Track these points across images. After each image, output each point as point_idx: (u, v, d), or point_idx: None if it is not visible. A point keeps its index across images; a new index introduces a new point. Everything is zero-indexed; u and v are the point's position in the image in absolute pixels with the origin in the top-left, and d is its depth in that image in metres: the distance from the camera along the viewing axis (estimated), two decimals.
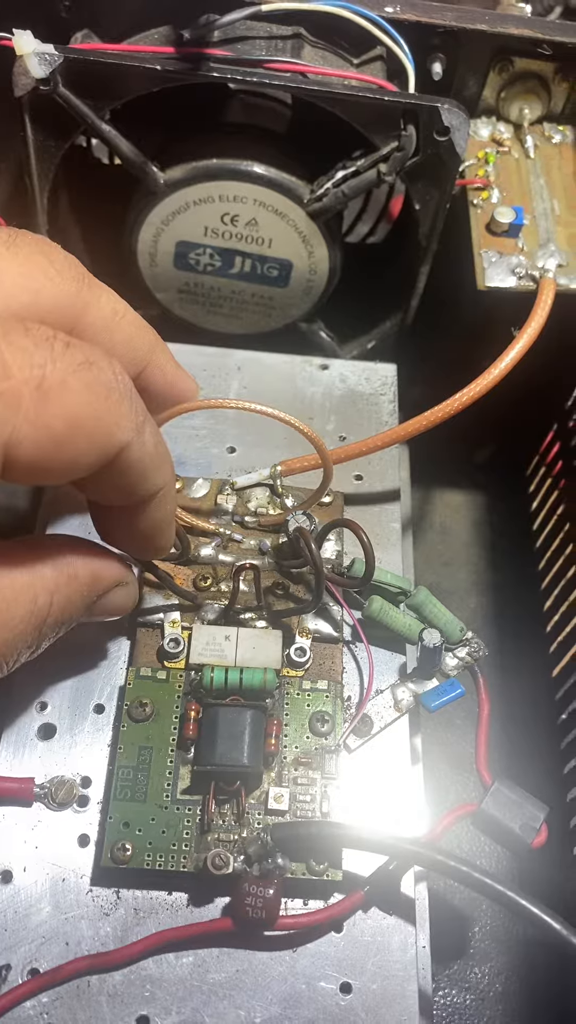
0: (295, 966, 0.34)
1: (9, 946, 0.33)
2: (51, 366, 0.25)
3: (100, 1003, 0.33)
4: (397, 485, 0.46)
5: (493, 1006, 0.44)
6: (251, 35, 0.45)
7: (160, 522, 0.33)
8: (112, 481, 0.29)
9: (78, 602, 0.32)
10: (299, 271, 0.51)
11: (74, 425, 0.26)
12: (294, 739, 0.37)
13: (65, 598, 0.31)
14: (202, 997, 0.33)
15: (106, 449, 0.28)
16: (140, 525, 0.33)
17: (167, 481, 0.32)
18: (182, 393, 0.36)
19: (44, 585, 0.30)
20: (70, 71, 0.42)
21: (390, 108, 0.44)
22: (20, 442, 0.25)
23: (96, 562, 0.33)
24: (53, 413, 0.25)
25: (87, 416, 0.26)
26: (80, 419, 0.26)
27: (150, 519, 0.33)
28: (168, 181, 0.47)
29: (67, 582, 0.31)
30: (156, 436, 0.30)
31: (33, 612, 0.29)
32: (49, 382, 0.25)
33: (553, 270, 0.46)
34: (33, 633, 0.30)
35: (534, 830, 0.35)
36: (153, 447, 0.30)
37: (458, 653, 0.40)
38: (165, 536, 0.35)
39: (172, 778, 0.35)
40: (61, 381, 0.26)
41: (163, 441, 0.31)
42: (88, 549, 0.33)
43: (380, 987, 0.34)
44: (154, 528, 0.33)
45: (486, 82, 0.50)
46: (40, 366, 0.25)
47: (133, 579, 0.36)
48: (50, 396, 0.25)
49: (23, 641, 0.29)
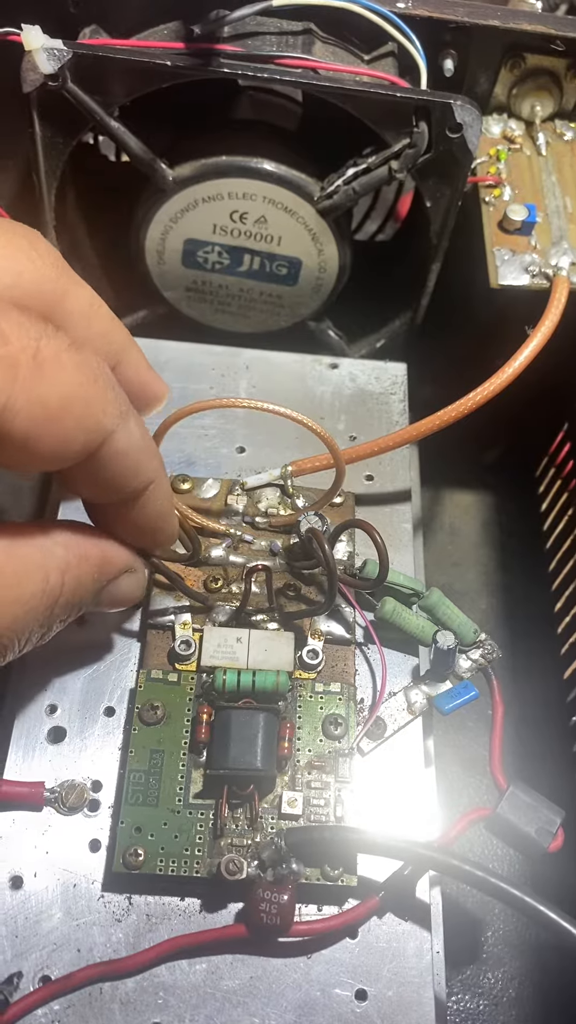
0: (310, 973, 0.33)
1: (20, 953, 0.33)
2: (46, 340, 0.26)
3: (112, 1011, 0.32)
4: (408, 485, 0.45)
5: (507, 1011, 0.44)
6: (261, 31, 0.45)
7: (156, 517, 0.34)
8: (99, 473, 0.30)
9: (88, 584, 0.32)
10: (308, 269, 0.50)
11: (66, 403, 0.27)
12: (307, 742, 0.36)
13: (76, 579, 0.31)
14: (216, 1004, 0.33)
15: (94, 434, 0.28)
16: (136, 521, 0.33)
17: (156, 474, 0.32)
18: (152, 394, 0.36)
19: (56, 564, 0.30)
20: (79, 67, 0.42)
21: (402, 104, 0.43)
22: (16, 412, 0.25)
23: (106, 545, 0.33)
24: (48, 386, 0.26)
25: (78, 396, 0.27)
26: (71, 398, 0.27)
27: (145, 514, 0.33)
28: (177, 178, 0.47)
29: (78, 562, 0.31)
30: (141, 428, 0.31)
31: (45, 591, 0.29)
32: (44, 354, 0.26)
33: (567, 268, 0.46)
34: (45, 612, 0.30)
35: (550, 834, 0.35)
36: (139, 438, 0.30)
37: (471, 655, 0.39)
38: (165, 530, 0.35)
39: (184, 782, 0.35)
40: (55, 356, 0.26)
41: (148, 434, 0.32)
42: (97, 533, 0.33)
43: (396, 994, 0.33)
44: (151, 523, 0.34)
45: (498, 79, 0.49)
46: (36, 339, 0.26)
47: (142, 567, 0.36)
48: (45, 368, 0.26)
49: (35, 619, 0.29)
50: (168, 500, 0.34)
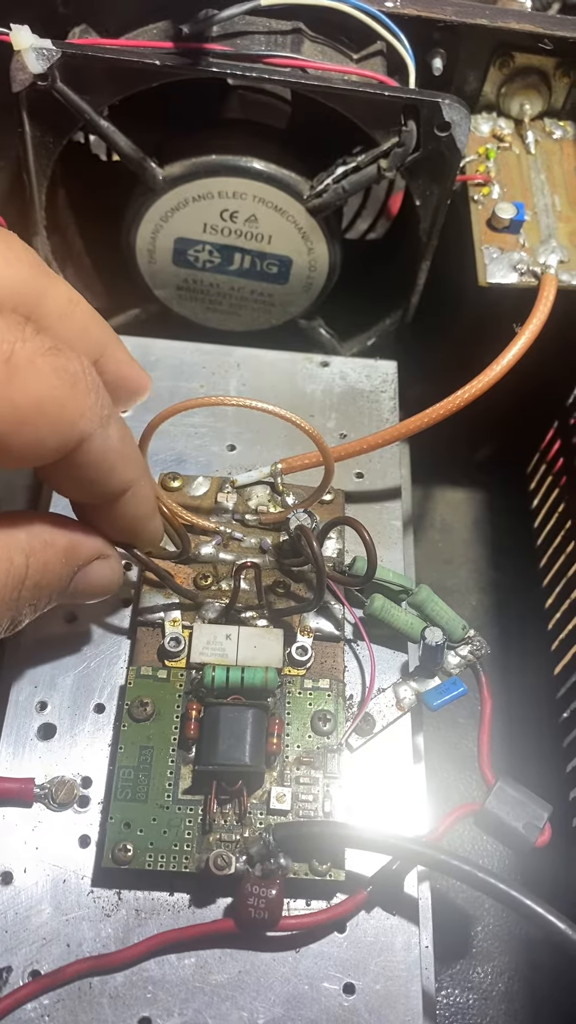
0: (298, 967, 0.34)
1: (10, 948, 0.33)
2: (21, 344, 0.26)
3: (102, 1005, 0.32)
4: (398, 483, 0.46)
5: (496, 1006, 0.44)
6: (250, 30, 0.45)
7: (134, 520, 0.34)
8: (75, 474, 0.30)
9: (57, 568, 0.32)
10: (299, 268, 0.51)
11: (38, 405, 0.27)
12: (296, 738, 0.36)
13: (42, 563, 0.31)
14: (204, 998, 0.33)
15: (67, 437, 0.28)
16: (116, 522, 0.34)
17: (136, 479, 0.32)
18: (135, 386, 0.36)
19: (18, 546, 0.30)
20: (68, 67, 0.42)
21: (390, 103, 0.44)
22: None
23: (72, 533, 0.33)
24: (19, 388, 0.26)
25: (51, 399, 0.27)
26: (45, 401, 0.27)
27: (125, 516, 0.33)
28: (167, 177, 0.47)
29: (42, 547, 0.31)
30: (122, 433, 0.31)
31: (10, 572, 0.29)
32: (18, 357, 0.26)
33: (555, 266, 0.46)
34: (12, 594, 0.30)
35: (538, 829, 0.35)
36: (118, 443, 0.30)
37: (460, 651, 0.39)
38: (146, 532, 0.35)
39: (173, 778, 0.35)
40: (29, 359, 0.26)
41: (132, 439, 0.32)
42: (65, 521, 0.33)
43: (383, 987, 0.33)
44: (131, 524, 0.34)
45: (486, 77, 0.49)
46: (10, 342, 0.26)
47: (114, 554, 0.35)
48: (19, 371, 0.26)
49: (2, 602, 0.30)
50: (149, 504, 0.34)
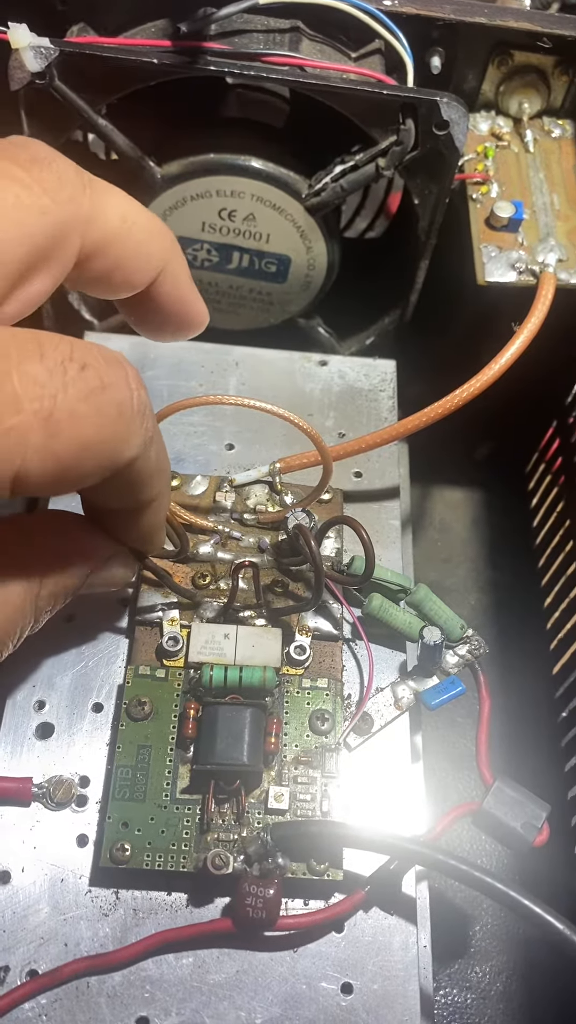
0: (296, 966, 0.33)
1: (7, 947, 0.33)
2: (62, 395, 0.25)
3: (99, 1004, 0.32)
4: (396, 482, 0.45)
5: (494, 1005, 0.44)
6: (249, 28, 0.45)
7: (154, 526, 0.34)
8: (112, 490, 0.30)
9: (72, 572, 0.32)
10: (297, 266, 0.50)
11: (83, 450, 0.26)
12: (294, 737, 0.36)
13: (57, 569, 0.31)
14: (202, 998, 0.33)
15: (112, 467, 0.27)
16: (134, 529, 0.33)
17: (163, 489, 0.32)
18: (190, 314, 0.34)
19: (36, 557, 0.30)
20: (66, 65, 0.42)
21: (389, 102, 0.44)
22: (28, 472, 0.25)
23: (89, 536, 0.33)
24: (62, 443, 0.25)
25: (95, 441, 0.26)
26: (88, 444, 0.26)
27: (145, 523, 0.33)
28: (165, 176, 0.47)
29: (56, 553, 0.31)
30: (160, 449, 0.30)
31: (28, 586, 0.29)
32: (60, 413, 0.25)
33: (553, 265, 0.46)
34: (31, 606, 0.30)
35: (536, 829, 0.35)
36: (155, 461, 0.30)
37: (458, 651, 0.39)
38: (158, 537, 0.36)
39: (171, 777, 0.35)
40: (72, 411, 0.25)
41: (165, 452, 0.31)
42: (81, 523, 0.33)
43: (381, 987, 0.33)
44: (147, 531, 0.34)
45: (485, 76, 0.49)
46: (52, 396, 0.25)
47: (124, 550, 0.35)
48: (60, 427, 0.25)
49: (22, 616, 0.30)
50: (163, 516, 0.34)
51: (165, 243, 0.32)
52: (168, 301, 0.33)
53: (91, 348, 0.26)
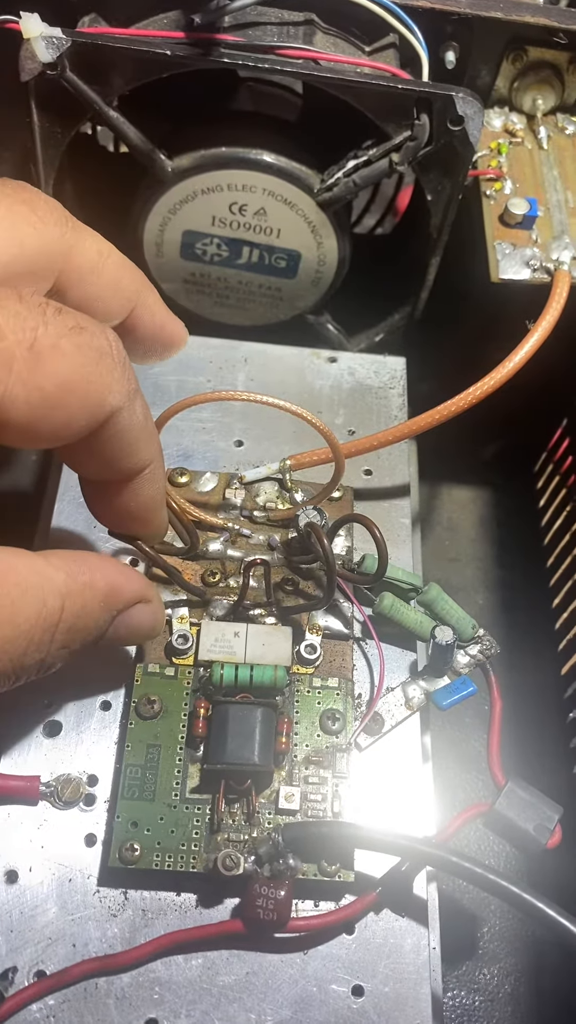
0: (306, 969, 0.33)
1: (15, 948, 0.33)
2: (43, 329, 0.26)
3: (108, 1006, 0.32)
4: (406, 480, 0.45)
5: (503, 1007, 0.44)
6: (262, 21, 0.44)
7: (149, 501, 0.33)
8: (100, 450, 0.30)
9: (95, 612, 0.31)
10: (307, 262, 0.50)
11: (66, 387, 0.27)
12: (305, 737, 0.36)
13: (79, 605, 0.30)
14: (212, 1000, 0.32)
15: (96, 412, 0.28)
16: (129, 503, 0.33)
17: (154, 457, 0.32)
18: (171, 337, 0.36)
19: (54, 588, 0.29)
20: (77, 56, 0.42)
21: (403, 96, 0.43)
22: (13, 402, 0.26)
23: (114, 574, 0.32)
24: (45, 374, 0.26)
25: (79, 379, 0.27)
26: (72, 381, 0.27)
27: (139, 497, 0.33)
28: (176, 169, 0.47)
29: (80, 589, 0.30)
30: (145, 410, 0.31)
31: (42, 614, 0.28)
32: (41, 344, 0.26)
33: (568, 262, 0.46)
34: (43, 636, 0.29)
35: (548, 831, 0.35)
36: (142, 419, 0.30)
37: (470, 651, 0.39)
38: (156, 517, 0.35)
39: (181, 776, 0.35)
40: (53, 344, 0.26)
41: (151, 418, 0.32)
42: (107, 562, 0.33)
43: (392, 990, 0.33)
44: (143, 507, 0.34)
45: (499, 71, 0.49)
46: (32, 329, 0.26)
47: (158, 597, 0.35)
48: (43, 357, 0.26)
49: (30, 643, 0.28)
50: (161, 488, 0.34)
51: (137, 276, 0.34)
52: (148, 330, 0.34)
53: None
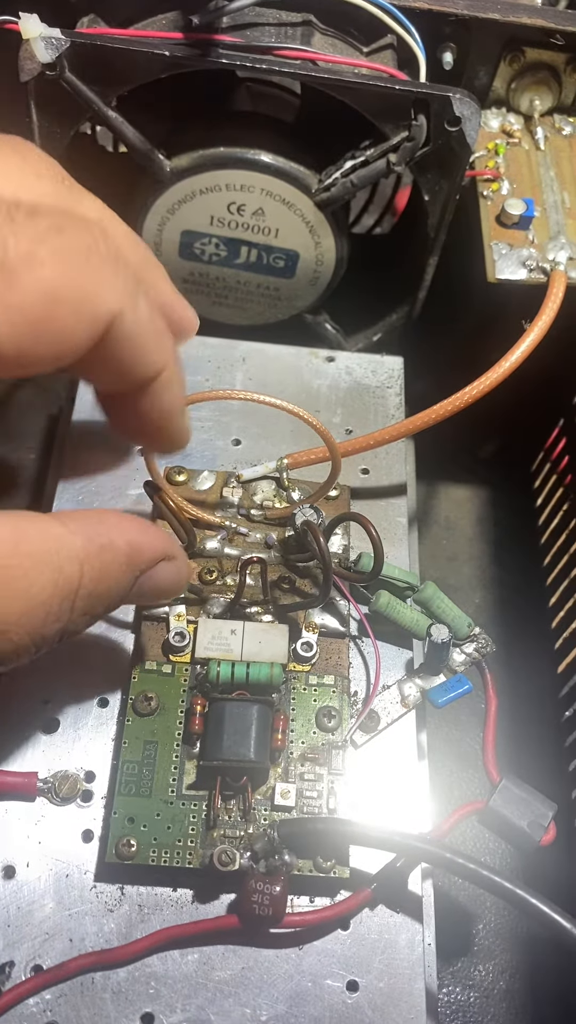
0: (301, 964, 0.33)
1: (12, 942, 0.33)
2: (13, 240, 0.24)
3: (104, 1000, 0.32)
4: (403, 479, 0.45)
5: (497, 1004, 0.44)
6: (260, 22, 0.45)
7: (169, 409, 0.31)
8: (108, 358, 0.27)
9: (117, 574, 0.29)
10: (305, 262, 0.50)
11: (52, 299, 0.24)
12: (301, 734, 0.36)
13: (99, 569, 0.28)
14: (207, 995, 0.33)
15: (95, 319, 0.26)
16: (148, 412, 0.31)
17: (168, 360, 0.29)
18: (179, 318, 0.33)
19: (72, 553, 0.27)
20: (77, 56, 0.42)
21: (401, 97, 0.43)
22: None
23: (135, 533, 0.30)
24: (24, 290, 0.24)
25: (65, 286, 0.24)
26: (57, 291, 0.24)
27: (157, 405, 0.30)
28: (174, 169, 0.47)
29: (100, 552, 0.28)
30: (152, 309, 0.28)
31: (59, 582, 0.27)
32: (13, 259, 0.23)
33: (564, 263, 0.46)
34: (62, 605, 0.27)
35: (543, 828, 0.35)
36: (149, 318, 0.28)
37: (465, 649, 0.39)
38: (177, 426, 0.32)
39: (177, 773, 0.35)
40: (27, 254, 0.24)
41: (159, 317, 0.29)
42: (127, 520, 0.31)
43: (387, 985, 0.33)
44: (163, 416, 0.31)
45: (497, 72, 0.49)
46: (0, 244, 0.23)
47: (181, 553, 0.33)
48: (17, 273, 0.23)
49: (48, 613, 0.27)
50: (180, 393, 0.31)
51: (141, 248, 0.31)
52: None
53: (44, 202, 0.26)
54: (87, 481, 0.43)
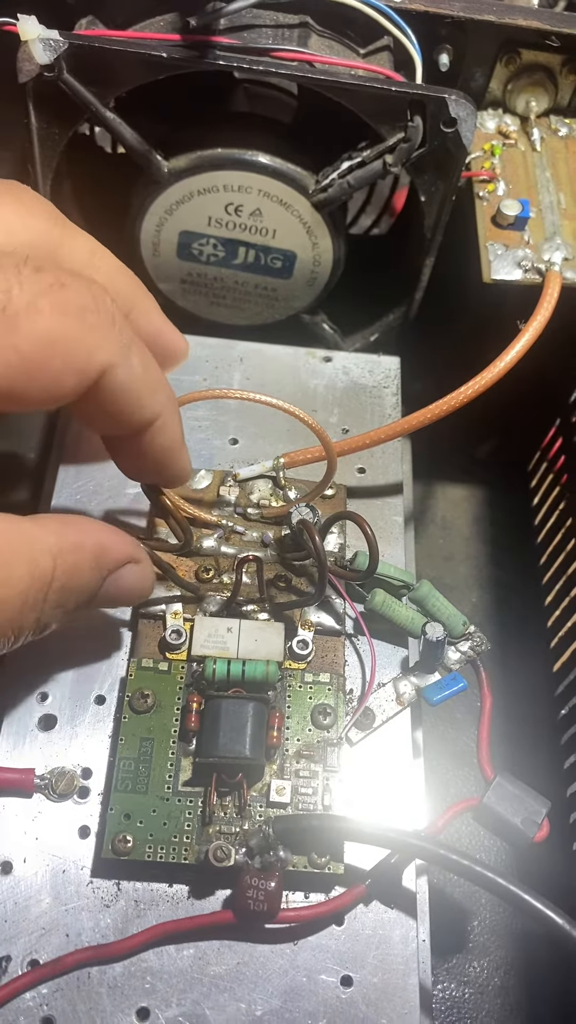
0: (296, 959, 0.34)
1: (9, 937, 0.33)
2: (18, 289, 0.26)
3: (100, 995, 0.32)
4: (399, 478, 0.46)
5: (492, 1000, 0.44)
6: (257, 23, 0.45)
7: (166, 450, 0.33)
8: (102, 407, 0.29)
9: (86, 572, 0.31)
10: (303, 262, 0.51)
11: (46, 348, 0.26)
12: (296, 731, 0.37)
13: (70, 564, 0.30)
14: (203, 989, 0.33)
15: (85, 371, 0.28)
16: (145, 454, 0.33)
17: (163, 408, 0.32)
18: (171, 347, 0.35)
19: (45, 548, 0.29)
20: (75, 58, 0.42)
21: (397, 99, 0.44)
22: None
23: (103, 535, 0.33)
24: (22, 336, 0.26)
25: (60, 337, 0.27)
26: (52, 340, 0.26)
27: (154, 447, 0.32)
28: (172, 170, 0.47)
29: (71, 548, 0.30)
30: (146, 360, 0.30)
31: (34, 573, 0.29)
32: (15, 305, 0.26)
33: (559, 263, 0.46)
34: (37, 595, 0.29)
35: (536, 824, 0.35)
36: (142, 371, 0.30)
37: (460, 647, 0.40)
38: (177, 464, 0.34)
39: (173, 770, 0.35)
40: (29, 303, 0.26)
41: (156, 366, 0.31)
42: (95, 524, 0.33)
43: (381, 980, 0.33)
44: (161, 456, 0.33)
45: (493, 74, 0.49)
46: (5, 291, 0.26)
47: (146, 559, 0.35)
48: (18, 319, 0.26)
49: (25, 604, 0.29)
50: (177, 436, 0.33)
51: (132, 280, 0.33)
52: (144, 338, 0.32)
53: (50, 259, 0.28)
54: (86, 480, 0.43)
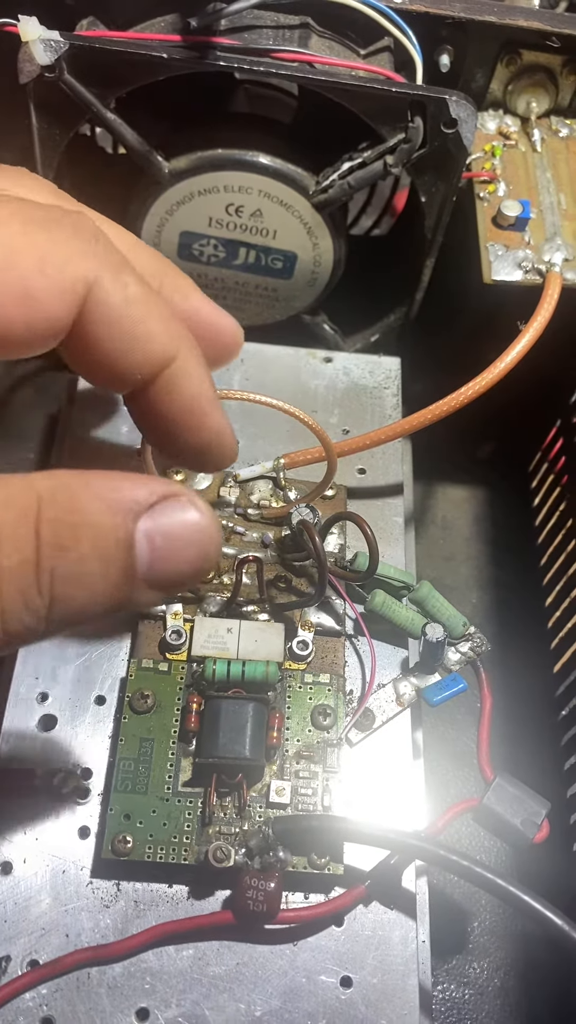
0: (295, 960, 0.34)
1: (8, 937, 0.33)
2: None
3: (100, 995, 0.32)
4: (400, 479, 0.46)
5: (492, 1001, 0.44)
6: (258, 24, 0.45)
7: (189, 403, 0.27)
8: (101, 344, 0.25)
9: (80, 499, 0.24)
10: (303, 263, 0.51)
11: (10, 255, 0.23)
12: (296, 732, 0.37)
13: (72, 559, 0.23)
14: (202, 990, 0.33)
15: (64, 283, 0.24)
16: (168, 409, 0.27)
17: (178, 345, 0.27)
18: (213, 327, 0.30)
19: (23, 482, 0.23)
20: (76, 58, 0.42)
21: (397, 99, 0.44)
22: None
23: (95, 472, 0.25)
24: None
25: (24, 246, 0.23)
26: (15, 249, 0.23)
27: (175, 398, 0.27)
28: (173, 171, 0.47)
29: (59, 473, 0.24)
30: (147, 288, 0.26)
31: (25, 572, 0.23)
32: None
33: (560, 264, 0.46)
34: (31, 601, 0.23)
35: (536, 825, 0.35)
36: (142, 293, 0.25)
37: (460, 648, 0.40)
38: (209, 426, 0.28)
39: (173, 770, 0.35)
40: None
41: (160, 301, 0.26)
42: None
43: (380, 981, 0.33)
44: (186, 412, 0.27)
45: (493, 75, 0.49)
46: None
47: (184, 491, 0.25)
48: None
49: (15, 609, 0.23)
50: (204, 387, 0.27)
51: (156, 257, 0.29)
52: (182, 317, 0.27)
53: None
54: None
